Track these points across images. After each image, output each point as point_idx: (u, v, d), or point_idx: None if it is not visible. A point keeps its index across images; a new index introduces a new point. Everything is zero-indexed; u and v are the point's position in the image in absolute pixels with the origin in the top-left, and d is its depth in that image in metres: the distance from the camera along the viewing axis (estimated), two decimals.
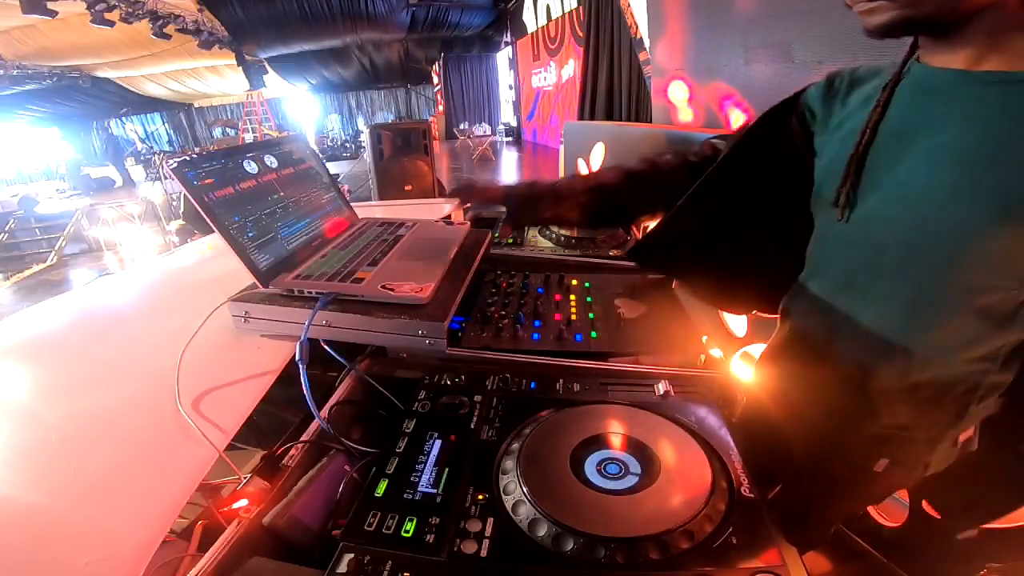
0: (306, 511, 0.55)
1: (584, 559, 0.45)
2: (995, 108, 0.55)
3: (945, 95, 0.59)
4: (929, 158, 0.59)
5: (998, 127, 0.54)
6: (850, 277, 0.69)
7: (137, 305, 1.08)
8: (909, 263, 0.62)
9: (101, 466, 0.58)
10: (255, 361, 0.76)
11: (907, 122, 0.62)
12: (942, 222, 0.58)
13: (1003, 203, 0.53)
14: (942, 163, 0.57)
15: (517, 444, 0.57)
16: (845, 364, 0.71)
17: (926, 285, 0.61)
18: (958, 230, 0.57)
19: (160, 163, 10.82)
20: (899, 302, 0.64)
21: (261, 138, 13.07)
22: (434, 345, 0.76)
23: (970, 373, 0.64)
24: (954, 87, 0.58)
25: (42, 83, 10.83)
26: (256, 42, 9.52)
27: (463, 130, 11.69)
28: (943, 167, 0.57)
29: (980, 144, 0.55)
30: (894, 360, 0.66)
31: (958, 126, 0.57)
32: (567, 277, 1.02)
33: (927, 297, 0.62)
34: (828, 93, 0.74)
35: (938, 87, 0.60)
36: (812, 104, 0.75)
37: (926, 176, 0.59)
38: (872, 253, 0.65)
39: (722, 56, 2.88)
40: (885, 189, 0.63)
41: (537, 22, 9.70)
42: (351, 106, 16.81)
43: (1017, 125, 0.53)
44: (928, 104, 0.61)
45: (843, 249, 0.69)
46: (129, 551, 0.48)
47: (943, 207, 0.57)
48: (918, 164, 0.60)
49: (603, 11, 5.45)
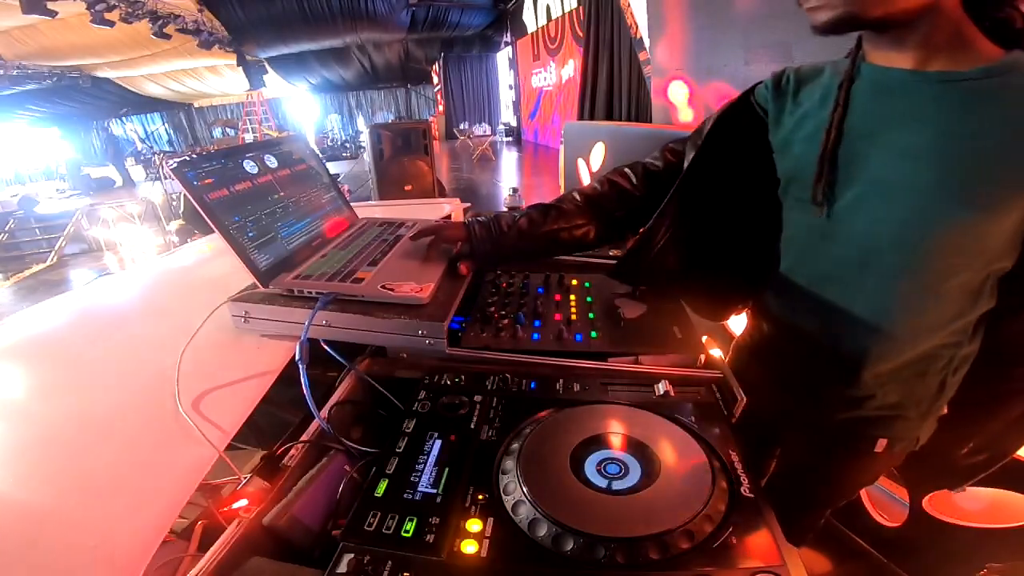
0: (306, 511, 0.55)
1: (584, 559, 0.45)
2: (949, 107, 0.59)
3: (902, 95, 0.63)
4: (899, 154, 0.63)
5: (957, 124, 0.59)
6: (834, 270, 0.72)
7: (137, 305, 1.08)
8: (890, 253, 0.66)
9: (101, 466, 0.58)
10: (255, 361, 0.76)
11: (870, 120, 0.66)
12: (917, 213, 0.62)
13: (969, 195, 0.59)
14: (914, 159, 0.62)
15: (517, 444, 0.57)
16: (837, 353, 0.75)
17: (908, 272, 0.66)
18: (934, 221, 0.61)
19: (160, 163, 10.82)
20: (885, 291, 0.68)
21: (261, 138, 13.07)
22: (434, 345, 0.76)
23: (947, 347, 0.71)
24: (909, 87, 0.62)
25: (42, 83, 10.83)
26: (256, 42, 9.52)
27: (463, 130, 11.69)
28: (913, 162, 0.62)
29: (943, 141, 0.60)
30: (884, 344, 0.71)
31: (920, 124, 0.61)
32: (567, 277, 1.02)
33: (910, 284, 0.66)
34: (778, 91, 0.77)
35: (894, 87, 0.64)
36: (763, 102, 0.79)
37: (899, 171, 0.63)
38: (855, 246, 0.69)
39: (722, 56, 2.88)
40: (861, 185, 0.67)
41: (537, 22, 9.71)
42: (351, 106, 16.81)
43: (969, 123, 0.58)
44: (888, 103, 0.64)
45: (824, 243, 0.72)
46: (129, 551, 0.48)
47: (920, 200, 0.62)
48: (889, 160, 0.64)
49: (603, 11, 5.45)
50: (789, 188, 0.76)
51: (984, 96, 0.58)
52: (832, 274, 0.73)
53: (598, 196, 0.91)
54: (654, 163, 0.91)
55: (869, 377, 0.73)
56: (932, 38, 0.60)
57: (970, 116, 0.58)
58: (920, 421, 0.77)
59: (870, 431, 0.78)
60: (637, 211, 0.89)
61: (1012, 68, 0.57)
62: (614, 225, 0.92)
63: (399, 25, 9.87)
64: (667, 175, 0.87)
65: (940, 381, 0.73)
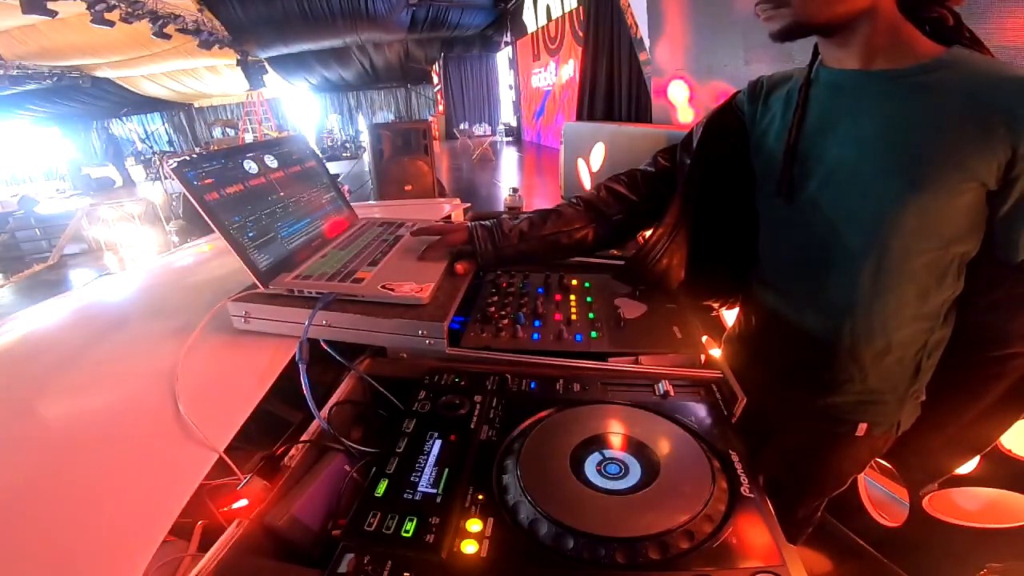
0: (306, 511, 0.55)
1: (584, 559, 0.45)
2: (893, 101, 0.66)
3: (852, 92, 0.71)
4: (850, 144, 0.70)
5: (899, 117, 0.66)
6: (803, 257, 0.79)
7: (137, 305, 1.08)
8: (853, 236, 0.72)
9: (101, 466, 0.58)
10: (255, 361, 0.76)
11: (825, 118, 0.73)
12: (872, 197, 0.69)
13: (915, 177, 0.65)
14: (864, 148, 0.69)
15: (517, 444, 0.57)
16: (812, 338, 0.80)
17: (873, 254, 0.71)
18: (886, 202, 0.68)
19: (160, 163, 10.82)
20: (853, 274, 0.73)
21: (261, 138, 13.07)
22: (434, 345, 0.76)
23: (920, 332, 0.75)
24: (857, 85, 0.70)
25: (42, 83, 10.82)
26: (256, 42, 9.52)
27: (463, 130, 11.68)
28: (865, 151, 0.69)
29: (889, 131, 0.67)
30: (855, 328, 0.75)
31: (869, 117, 0.69)
32: (567, 277, 1.02)
33: (876, 265, 0.71)
34: (752, 97, 0.86)
35: (844, 86, 0.71)
36: (742, 107, 0.87)
37: (851, 159, 0.70)
38: (819, 232, 0.75)
39: (722, 56, 2.88)
40: (820, 175, 0.74)
41: (537, 22, 9.70)
42: (351, 106, 16.80)
43: (911, 114, 0.65)
44: (840, 101, 0.72)
45: (791, 233, 0.79)
46: (129, 551, 0.48)
47: (872, 184, 0.69)
48: (842, 151, 0.71)
49: (603, 11, 5.45)
50: (761, 184, 0.83)
51: (920, 89, 0.64)
52: (801, 261, 0.79)
53: (597, 200, 0.94)
54: (648, 168, 0.95)
55: (844, 361, 0.77)
56: (872, 39, 0.67)
57: (909, 107, 0.65)
58: (898, 405, 0.80)
59: (850, 415, 0.81)
60: (635, 214, 0.94)
61: (947, 64, 0.64)
62: (613, 228, 0.94)
63: (399, 25, 9.87)
64: (661, 178, 0.93)
65: (915, 364, 0.77)
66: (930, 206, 0.65)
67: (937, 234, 0.68)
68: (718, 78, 2.96)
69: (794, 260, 0.80)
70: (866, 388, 0.78)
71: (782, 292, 0.84)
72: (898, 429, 0.82)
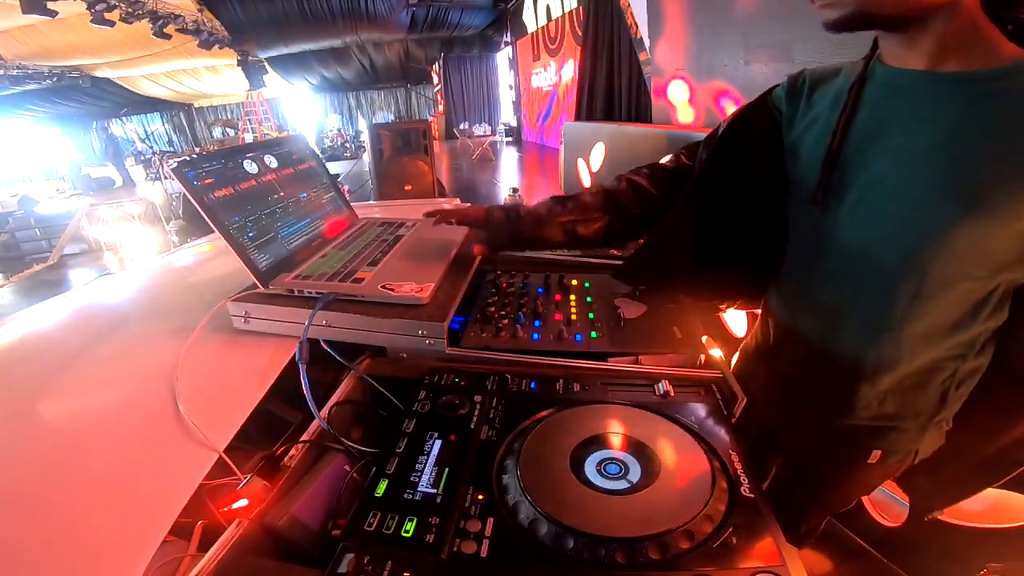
0: (306, 511, 0.55)
1: (584, 559, 0.45)
2: (958, 108, 0.58)
3: (911, 95, 0.62)
4: (902, 155, 0.62)
5: (963, 126, 0.57)
6: (833, 272, 0.72)
7: (137, 305, 1.08)
8: (891, 256, 0.65)
9: (101, 466, 0.58)
10: (255, 361, 0.76)
11: (877, 121, 0.65)
12: (920, 216, 0.61)
13: (972, 197, 0.57)
14: (915, 160, 0.61)
15: (517, 444, 0.57)
16: (834, 357, 0.74)
17: (911, 278, 0.64)
18: (934, 223, 0.60)
19: (160, 163, 10.83)
20: (886, 296, 0.67)
21: (261, 138, 13.07)
22: (434, 345, 0.76)
23: (950, 359, 0.68)
24: (918, 88, 0.61)
25: (42, 83, 10.82)
26: (256, 42, 9.52)
27: (463, 130, 11.67)
28: (916, 164, 0.61)
29: (948, 142, 0.58)
30: (881, 351, 0.70)
31: (926, 125, 0.60)
32: (567, 277, 1.02)
33: (913, 289, 0.64)
34: (792, 93, 0.77)
35: (904, 88, 0.63)
36: (779, 104, 0.79)
37: (901, 173, 0.62)
38: (854, 248, 0.68)
39: (722, 56, 2.88)
40: (862, 186, 0.66)
41: (537, 22, 9.70)
42: (351, 106, 16.80)
43: (979, 123, 0.56)
44: (896, 104, 0.63)
45: (824, 246, 0.72)
46: (129, 551, 0.48)
47: (920, 202, 0.61)
48: (892, 161, 0.63)
49: (603, 11, 5.45)
50: (795, 190, 0.76)
51: (995, 97, 0.56)
52: (831, 277, 0.72)
53: (616, 192, 0.90)
54: (669, 164, 0.92)
55: (866, 384, 0.72)
56: (946, 37, 0.57)
57: (977, 117, 0.57)
58: (918, 434, 0.75)
59: (864, 441, 0.77)
60: (653, 210, 0.89)
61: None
62: (630, 222, 0.91)
63: (399, 25, 9.87)
64: (681, 176, 0.88)
65: (941, 393, 0.71)
66: (984, 231, 0.58)
67: (986, 261, 0.60)
68: (718, 78, 2.96)
69: (822, 275, 0.73)
70: (884, 413, 0.73)
71: (803, 306, 0.78)
72: (915, 457, 0.77)
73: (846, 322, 0.72)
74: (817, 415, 0.80)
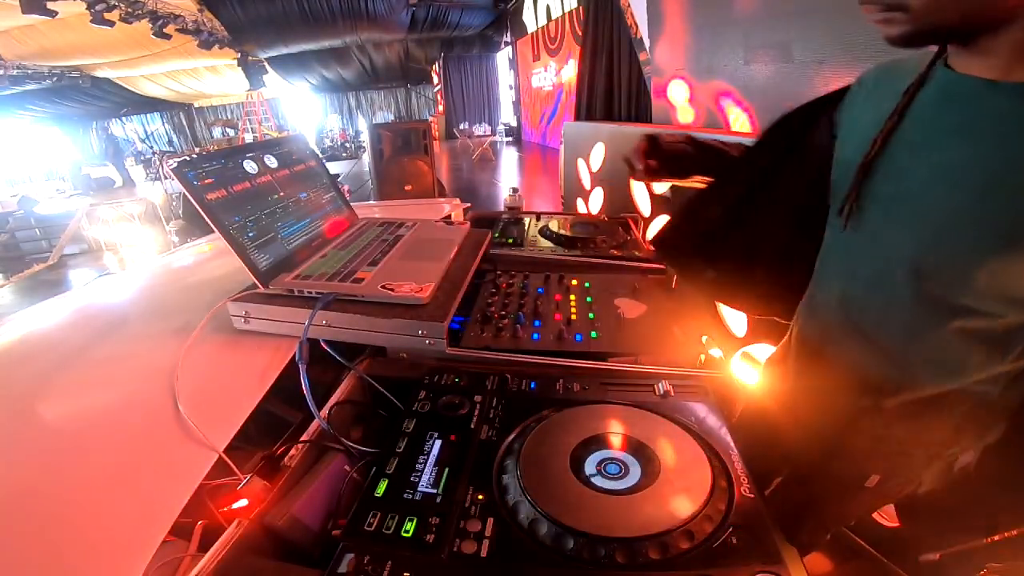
0: (306, 511, 0.55)
1: (584, 559, 0.45)
2: (1015, 126, 0.51)
3: (965, 106, 0.55)
4: (941, 174, 0.56)
5: (1016, 148, 0.50)
6: (852, 288, 0.68)
7: (137, 305, 1.08)
8: (910, 279, 0.60)
9: (101, 466, 0.58)
10: (255, 361, 0.76)
11: (923, 133, 0.58)
12: (948, 242, 0.56)
13: (1012, 229, 0.51)
14: (954, 182, 0.55)
15: (517, 444, 0.57)
16: (845, 372, 0.71)
17: (924, 302, 0.60)
18: (963, 252, 0.55)
19: (160, 163, 10.82)
20: (898, 315, 0.63)
21: (261, 138, 13.07)
22: (434, 345, 0.76)
23: (969, 394, 0.63)
24: (977, 99, 0.54)
25: (42, 83, 10.82)
26: (256, 42, 9.52)
27: (463, 130, 11.68)
28: (955, 186, 0.55)
29: (995, 165, 0.52)
30: (892, 372, 0.66)
31: (975, 143, 0.53)
32: (567, 277, 1.02)
33: (924, 313, 0.61)
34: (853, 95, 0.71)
35: (960, 96, 0.56)
36: (841, 107, 0.73)
37: (936, 193, 0.56)
38: (876, 265, 0.64)
39: (722, 56, 2.88)
40: (892, 199, 0.61)
41: (537, 22, 9.70)
42: (351, 106, 16.80)
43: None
44: (947, 116, 0.57)
45: (847, 260, 0.68)
46: (129, 551, 0.48)
47: (950, 227, 0.55)
48: (929, 179, 0.57)
49: (603, 11, 5.45)
50: (834, 199, 0.70)
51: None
52: (849, 293, 0.68)
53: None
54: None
55: (873, 403, 0.69)
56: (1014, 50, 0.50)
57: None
58: (925, 463, 0.71)
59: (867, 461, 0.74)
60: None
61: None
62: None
63: (399, 25, 9.87)
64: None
65: (954, 425, 0.66)
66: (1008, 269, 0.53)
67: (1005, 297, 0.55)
68: (718, 78, 2.96)
69: (843, 290, 0.69)
70: (890, 435, 0.69)
71: (823, 320, 0.74)
72: (919, 487, 0.72)
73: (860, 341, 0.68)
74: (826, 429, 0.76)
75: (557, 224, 1.40)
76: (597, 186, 3.27)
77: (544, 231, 1.36)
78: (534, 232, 1.38)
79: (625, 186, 2.77)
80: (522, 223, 1.45)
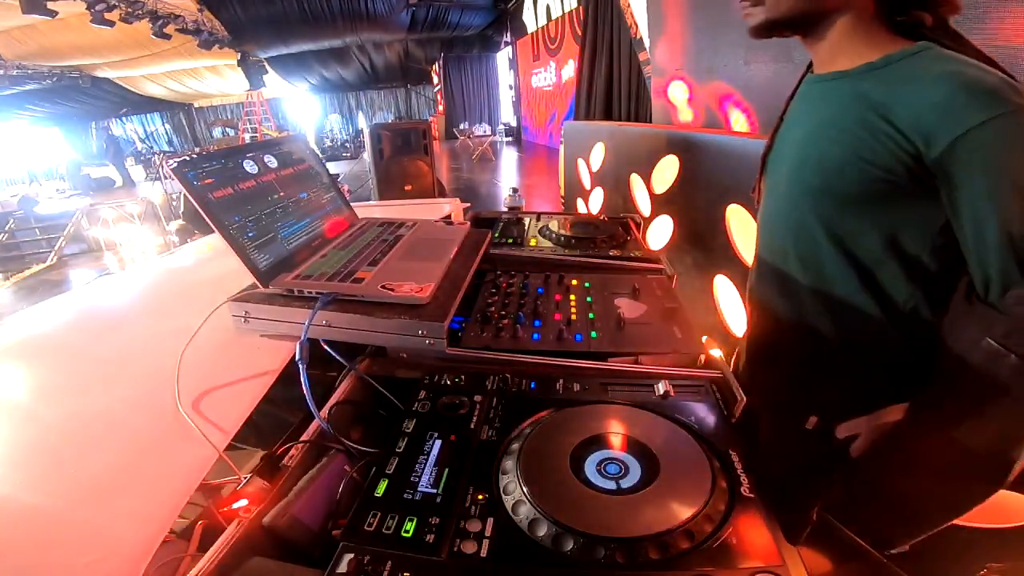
0: (306, 511, 0.55)
1: (584, 559, 0.45)
2: (828, 101, 0.69)
3: (805, 97, 0.76)
4: (789, 145, 0.78)
5: (819, 116, 0.70)
6: (763, 251, 0.88)
7: (137, 305, 1.08)
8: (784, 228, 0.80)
9: (101, 466, 0.58)
10: (255, 361, 0.76)
11: (787, 125, 0.81)
12: (794, 188, 0.76)
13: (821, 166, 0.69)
14: (793, 146, 0.76)
15: (517, 444, 0.57)
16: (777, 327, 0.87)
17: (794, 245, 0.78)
18: (802, 190, 0.74)
19: (160, 163, 10.81)
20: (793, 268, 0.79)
21: (261, 138, 13.06)
22: (434, 345, 0.76)
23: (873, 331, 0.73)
24: (810, 90, 0.75)
25: (42, 83, 10.83)
26: (256, 42, 9.52)
27: (463, 130, 11.68)
28: (793, 148, 0.76)
29: (809, 130, 0.72)
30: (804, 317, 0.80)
31: (806, 118, 0.74)
32: (567, 277, 1.02)
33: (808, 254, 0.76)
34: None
35: (808, 93, 0.76)
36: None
37: (786, 158, 0.78)
38: (768, 228, 0.84)
39: (722, 56, 2.88)
40: (770, 176, 0.84)
41: (537, 22, 9.71)
42: (351, 106, 16.80)
43: (839, 108, 0.67)
44: (800, 107, 0.78)
45: (759, 231, 0.88)
46: (129, 551, 0.48)
47: (793, 176, 0.76)
48: (784, 151, 0.79)
49: (602, 11, 5.45)
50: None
51: (858, 85, 0.64)
52: (763, 255, 0.88)
53: None
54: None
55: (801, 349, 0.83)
56: (837, 42, 0.66)
57: (840, 104, 0.66)
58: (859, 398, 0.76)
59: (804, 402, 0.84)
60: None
61: (900, 58, 0.62)
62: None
63: (399, 25, 9.87)
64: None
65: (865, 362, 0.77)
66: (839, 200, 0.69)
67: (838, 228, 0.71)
68: (718, 78, 2.96)
69: (760, 255, 0.89)
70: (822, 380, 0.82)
71: (757, 285, 0.92)
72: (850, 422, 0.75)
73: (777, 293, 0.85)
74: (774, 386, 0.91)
75: (557, 224, 1.40)
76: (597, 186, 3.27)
77: (544, 231, 1.35)
78: (534, 232, 1.38)
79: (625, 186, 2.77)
80: (522, 223, 1.45)
